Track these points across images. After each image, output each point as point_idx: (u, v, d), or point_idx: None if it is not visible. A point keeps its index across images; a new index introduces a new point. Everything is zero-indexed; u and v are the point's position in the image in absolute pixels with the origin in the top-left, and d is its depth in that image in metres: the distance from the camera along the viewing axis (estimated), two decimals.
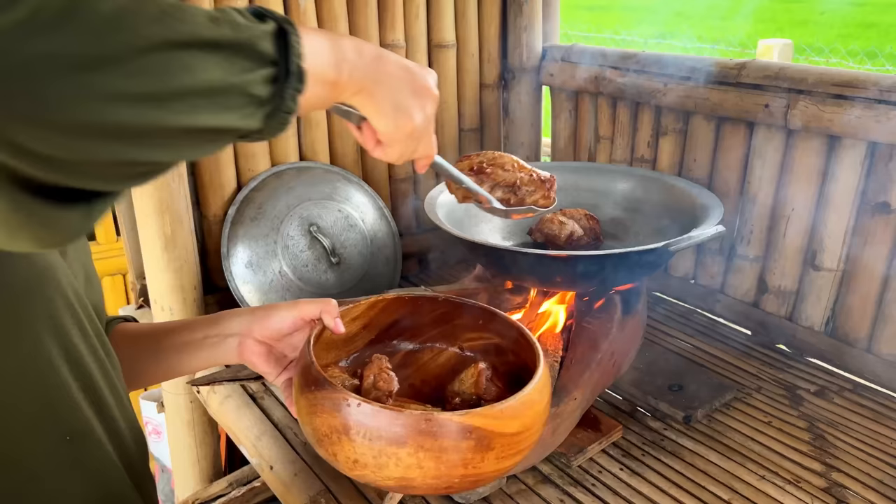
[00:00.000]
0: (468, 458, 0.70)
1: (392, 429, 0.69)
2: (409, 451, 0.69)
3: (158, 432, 1.95)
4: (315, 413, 0.73)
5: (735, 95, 1.42)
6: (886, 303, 1.29)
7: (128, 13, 0.39)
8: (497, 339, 0.92)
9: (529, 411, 0.74)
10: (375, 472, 0.71)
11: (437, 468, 0.70)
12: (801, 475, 1.09)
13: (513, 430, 0.72)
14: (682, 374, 1.32)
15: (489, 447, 0.71)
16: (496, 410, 0.71)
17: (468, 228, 1.42)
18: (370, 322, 0.93)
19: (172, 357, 0.83)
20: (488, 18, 1.80)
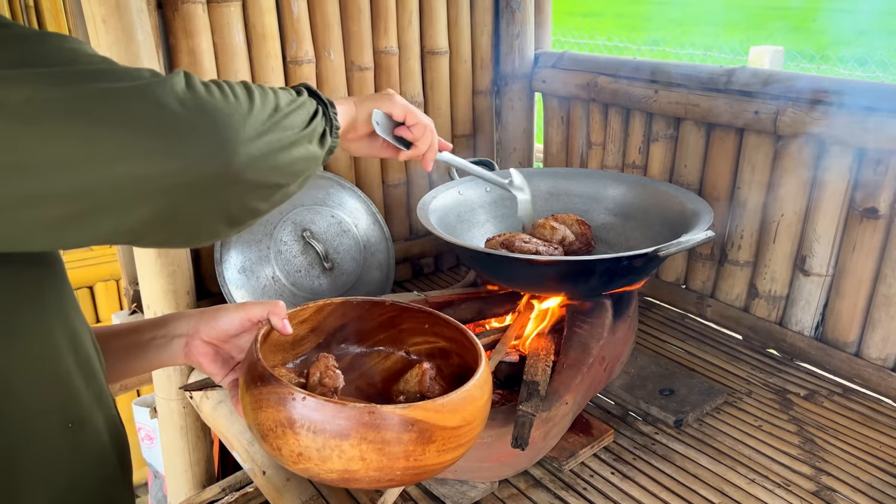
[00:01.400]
0: (410, 451, 0.72)
1: (336, 421, 0.70)
2: (352, 444, 0.71)
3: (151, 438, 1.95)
4: (260, 408, 0.74)
5: (725, 102, 1.43)
6: (875, 307, 1.30)
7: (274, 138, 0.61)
8: (442, 342, 0.94)
9: (470, 406, 0.76)
10: (319, 464, 0.72)
11: (380, 460, 0.72)
12: (790, 479, 1.10)
13: (454, 423, 0.74)
14: (673, 378, 1.33)
15: (430, 440, 0.73)
16: (437, 404, 0.74)
17: (460, 234, 1.43)
18: (318, 325, 0.94)
19: (120, 359, 0.83)
20: (481, 25, 1.81)
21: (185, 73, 0.55)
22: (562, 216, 1.43)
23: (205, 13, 1.40)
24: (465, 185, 1.50)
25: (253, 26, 1.47)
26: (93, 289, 2.38)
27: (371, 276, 1.61)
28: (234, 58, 1.46)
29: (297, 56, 1.54)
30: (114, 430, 0.70)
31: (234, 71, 1.46)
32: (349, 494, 1.07)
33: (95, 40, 1.21)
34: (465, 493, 1.06)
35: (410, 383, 0.88)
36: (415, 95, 1.75)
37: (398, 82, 1.71)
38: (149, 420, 1.83)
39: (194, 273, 1.48)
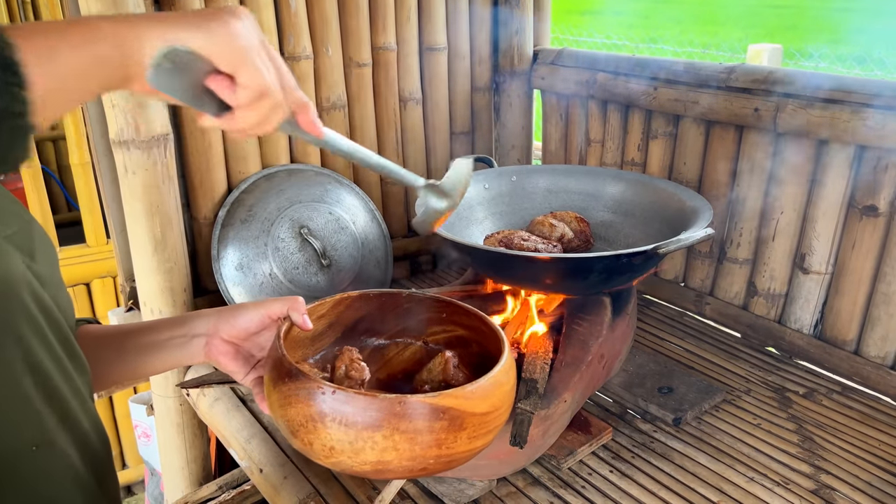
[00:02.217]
0: (442, 439, 0.72)
1: (367, 413, 0.71)
2: (384, 434, 0.71)
3: (148, 435, 1.94)
4: (289, 404, 0.74)
5: (724, 99, 1.43)
6: (874, 305, 1.30)
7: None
8: (461, 330, 0.95)
9: (498, 391, 0.77)
10: (352, 457, 0.73)
11: (412, 449, 0.72)
12: (789, 477, 1.09)
13: (483, 409, 0.75)
14: (672, 376, 1.32)
15: (462, 427, 0.73)
16: (467, 391, 0.74)
17: (459, 231, 1.42)
18: (336, 320, 0.94)
19: (137, 358, 0.82)
20: (479, 22, 1.80)
21: None
22: (560, 213, 1.43)
23: (201, 8, 1.39)
24: None
25: None
26: (89, 286, 2.37)
27: (369, 273, 1.61)
28: None
29: (294, 52, 1.53)
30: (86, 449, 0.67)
31: None
32: (346, 492, 1.06)
33: None
34: (464, 490, 1.05)
35: (434, 372, 0.88)
36: (413, 92, 1.75)
37: (396, 79, 1.71)
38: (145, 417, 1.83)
39: (191, 270, 1.47)
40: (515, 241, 1.30)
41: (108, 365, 0.83)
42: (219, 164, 1.50)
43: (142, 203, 1.31)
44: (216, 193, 1.51)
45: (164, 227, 1.34)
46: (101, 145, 1.38)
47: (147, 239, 1.34)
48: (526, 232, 1.36)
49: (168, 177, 1.33)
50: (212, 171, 1.50)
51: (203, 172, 1.49)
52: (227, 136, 1.51)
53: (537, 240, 1.32)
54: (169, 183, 1.33)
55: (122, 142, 1.27)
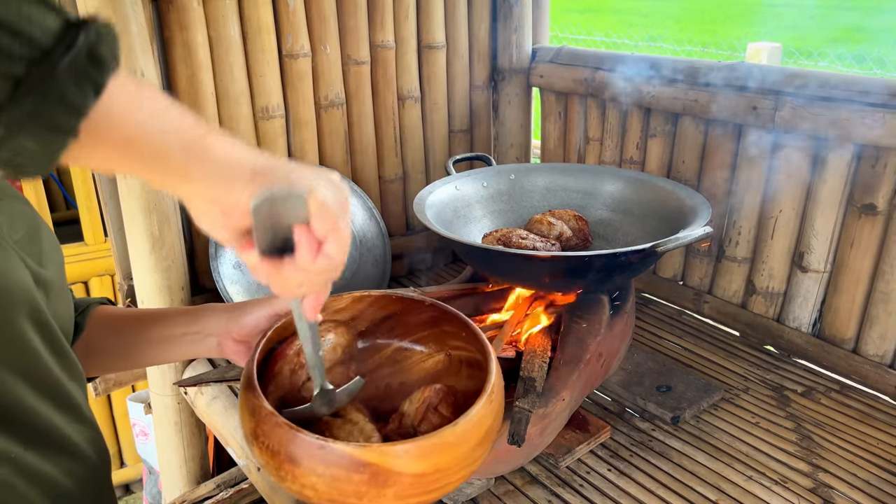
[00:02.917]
0: (363, 491, 0.69)
1: (289, 446, 0.69)
2: (303, 472, 0.69)
3: (146, 433, 1.94)
4: (243, 411, 0.75)
5: (724, 98, 1.42)
6: (873, 304, 1.30)
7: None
8: (477, 354, 0.89)
9: (443, 454, 0.70)
10: (279, 480, 0.72)
11: (330, 493, 0.69)
12: (787, 475, 1.09)
13: (418, 470, 0.69)
14: (670, 374, 1.32)
15: (385, 484, 0.68)
16: (395, 449, 0.69)
17: (457, 229, 1.42)
18: (360, 314, 0.93)
19: (150, 350, 0.84)
20: (478, 19, 1.80)
21: None
22: (559, 212, 1.42)
23: (199, 6, 1.39)
24: (462, 180, 1.49)
25: (248, 19, 1.46)
26: (87, 284, 2.37)
27: (367, 271, 1.60)
28: (230, 51, 1.44)
29: (292, 50, 1.53)
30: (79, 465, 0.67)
31: (228, 64, 1.45)
32: None
33: None
34: (461, 489, 1.05)
35: (413, 404, 0.83)
36: (412, 90, 1.74)
37: (395, 77, 1.70)
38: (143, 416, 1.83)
39: (189, 268, 1.47)
40: (514, 239, 1.30)
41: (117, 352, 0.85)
42: None
43: (139, 201, 1.31)
44: None
45: (162, 225, 1.34)
46: None
47: (145, 237, 1.33)
48: (524, 230, 1.35)
49: None
50: None
51: None
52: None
53: (536, 238, 1.31)
54: None
55: None
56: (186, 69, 1.41)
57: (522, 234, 1.31)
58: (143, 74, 1.24)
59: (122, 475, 2.57)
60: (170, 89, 1.43)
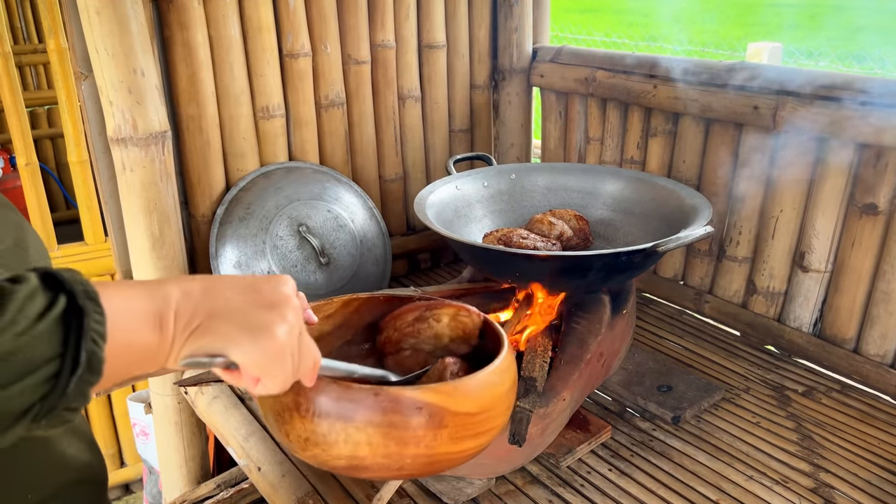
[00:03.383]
0: (420, 436, 0.68)
1: (340, 403, 0.67)
2: (357, 427, 0.67)
3: (146, 433, 1.94)
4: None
5: (724, 97, 1.42)
6: (874, 303, 1.30)
7: None
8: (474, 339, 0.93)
9: (487, 392, 0.73)
10: (326, 450, 0.69)
11: (387, 445, 0.68)
12: (788, 475, 1.09)
13: (469, 409, 0.70)
14: (671, 374, 1.32)
15: (442, 424, 0.69)
16: (449, 387, 0.70)
17: (458, 229, 1.42)
18: (344, 321, 0.92)
19: None
20: (479, 19, 1.80)
21: None
22: (559, 211, 1.42)
23: (200, 5, 1.39)
24: (463, 179, 1.49)
25: (248, 19, 1.46)
26: None
27: (368, 271, 1.60)
28: (230, 51, 1.44)
29: (293, 49, 1.53)
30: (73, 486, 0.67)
31: (229, 64, 1.45)
32: (345, 491, 1.06)
33: (89, 32, 1.20)
34: (462, 489, 1.05)
35: (433, 378, 0.85)
36: (412, 90, 1.74)
37: (395, 76, 1.70)
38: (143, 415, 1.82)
39: (189, 268, 1.47)
40: (514, 239, 1.30)
41: None
42: (217, 162, 1.50)
43: (140, 200, 1.31)
44: (214, 191, 1.51)
45: (162, 225, 1.33)
46: (99, 143, 1.37)
47: (145, 237, 1.33)
48: (525, 230, 1.35)
49: (166, 174, 1.33)
50: (210, 168, 1.49)
51: (201, 170, 1.49)
52: (225, 134, 1.50)
53: (536, 238, 1.31)
54: (167, 180, 1.33)
55: (120, 139, 1.27)
56: (187, 69, 1.41)
57: (523, 234, 1.31)
58: (143, 74, 1.23)
59: (122, 475, 2.57)
60: (170, 89, 1.43)
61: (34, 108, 3.05)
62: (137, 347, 0.51)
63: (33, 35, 3.50)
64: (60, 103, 2.21)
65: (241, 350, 0.55)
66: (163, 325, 0.52)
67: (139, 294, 0.52)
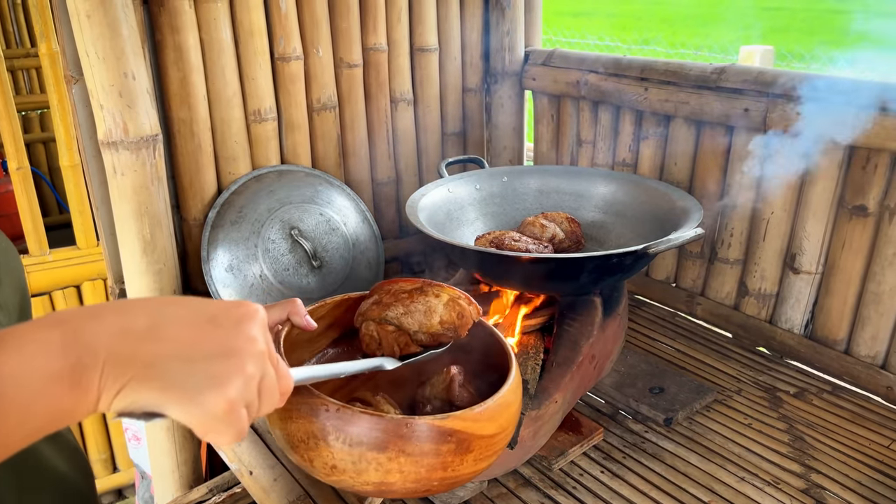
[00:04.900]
0: (448, 461, 0.71)
1: (373, 434, 0.68)
2: (389, 456, 0.69)
3: (138, 438, 1.93)
4: (290, 418, 0.72)
5: (715, 99, 1.43)
6: (864, 305, 1.30)
7: None
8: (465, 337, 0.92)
9: (506, 413, 0.76)
10: (354, 477, 0.71)
11: (417, 472, 0.70)
12: (780, 476, 1.09)
13: (490, 431, 0.73)
14: (663, 376, 1.32)
15: (468, 449, 0.71)
16: (475, 413, 0.72)
17: (450, 232, 1.42)
18: (334, 321, 0.92)
19: None
20: (471, 22, 1.80)
21: None
22: (551, 214, 1.43)
23: (191, 9, 1.39)
24: (455, 182, 1.49)
25: (240, 22, 1.45)
26: (79, 288, 2.36)
27: (360, 274, 1.60)
28: (221, 54, 1.44)
29: (285, 52, 1.53)
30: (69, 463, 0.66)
31: (221, 67, 1.45)
32: (336, 494, 1.06)
33: (80, 36, 1.19)
34: (454, 492, 1.05)
35: (437, 388, 0.86)
36: (404, 93, 1.74)
37: (387, 80, 1.70)
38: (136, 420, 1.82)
39: (181, 271, 1.46)
40: (506, 241, 1.30)
41: None
42: (208, 165, 1.50)
43: (130, 204, 1.30)
44: (206, 195, 1.51)
45: (154, 229, 1.33)
46: (90, 146, 1.37)
47: (136, 240, 1.33)
48: (517, 232, 1.36)
49: (157, 178, 1.32)
50: (201, 172, 1.49)
51: (192, 173, 1.48)
52: (217, 138, 1.50)
53: (528, 240, 1.31)
54: (158, 184, 1.33)
55: (111, 143, 1.26)
56: (178, 72, 1.40)
57: (515, 237, 1.31)
58: (134, 78, 1.23)
59: (114, 480, 2.56)
60: (161, 92, 1.43)
61: (26, 111, 3.04)
62: (42, 411, 0.44)
63: (25, 39, 3.49)
64: (52, 107, 2.21)
65: (182, 410, 0.49)
66: (81, 381, 0.45)
67: (48, 348, 0.44)
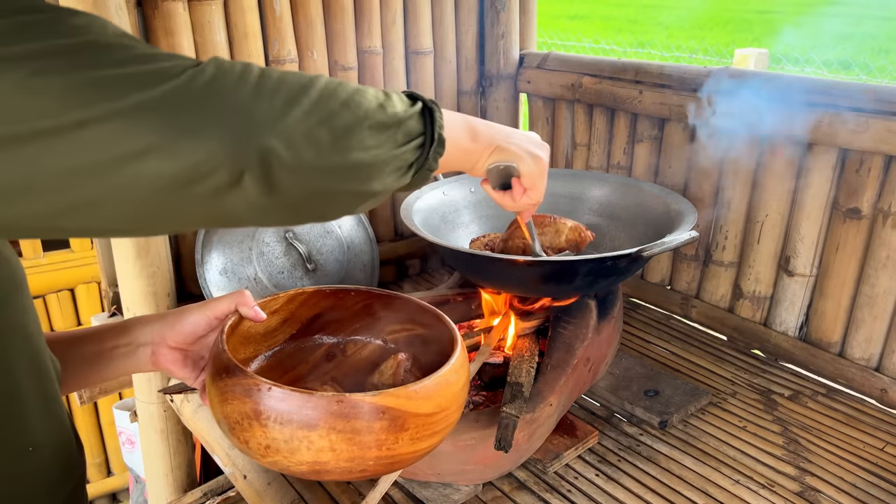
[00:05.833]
0: (382, 440, 0.70)
1: (303, 411, 0.68)
2: (320, 434, 0.68)
3: (132, 442, 1.93)
4: (226, 401, 0.71)
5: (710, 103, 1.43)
6: (858, 307, 1.30)
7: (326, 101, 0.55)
8: (420, 329, 0.92)
9: (445, 392, 0.74)
10: (287, 457, 0.70)
11: (351, 450, 0.69)
12: (774, 479, 1.09)
13: (427, 410, 0.72)
14: (658, 379, 1.32)
15: (403, 427, 0.71)
16: (410, 391, 0.71)
17: (445, 234, 1.42)
18: (290, 316, 0.92)
19: (83, 368, 0.79)
20: (465, 25, 1.81)
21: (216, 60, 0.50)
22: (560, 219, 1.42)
23: (185, 11, 1.39)
24: (450, 185, 1.49)
25: (234, 25, 1.45)
26: (73, 291, 2.35)
27: (355, 277, 1.60)
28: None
29: (279, 55, 1.53)
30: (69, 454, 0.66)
31: None
32: (331, 498, 1.05)
33: None
34: (449, 496, 1.05)
35: (385, 375, 0.86)
36: None
37: (382, 82, 1.70)
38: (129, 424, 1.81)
39: (175, 274, 1.46)
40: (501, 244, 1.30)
41: None
42: None
43: None
44: None
45: None
46: None
47: (130, 244, 1.32)
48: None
49: None
50: None
51: None
52: None
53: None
54: None
55: None
56: None
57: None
58: None
59: (108, 484, 2.55)
60: None
61: None
62: (460, 147, 0.80)
63: None
64: None
65: (526, 164, 0.87)
66: (475, 137, 0.82)
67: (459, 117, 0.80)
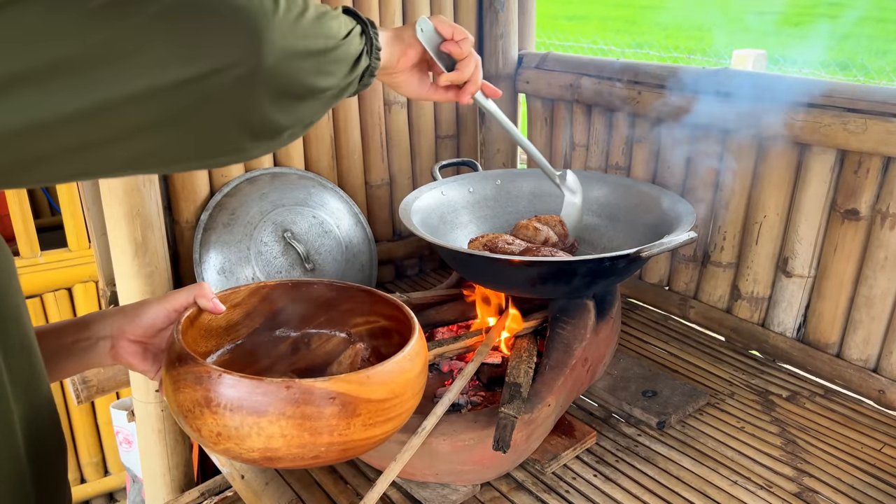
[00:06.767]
0: (333, 425, 0.70)
1: (253, 398, 0.68)
2: (270, 420, 0.68)
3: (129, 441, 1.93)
4: (178, 389, 0.71)
5: (709, 104, 1.43)
6: (856, 308, 1.31)
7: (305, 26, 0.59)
8: (383, 321, 0.92)
9: (399, 378, 0.74)
10: (238, 444, 0.70)
11: (301, 436, 0.69)
12: (772, 480, 1.09)
13: (380, 396, 0.72)
14: (656, 380, 1.32)
15: (355, 413, 0.70)
16: (361, 376, 0.71)
17: (443, 234, 1.41)
18: (254, 309, 0.92)
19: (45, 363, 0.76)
20: (464, 25, 1.80)
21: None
22: (545, 217, 1.42)
23: None
24: (449, 185, 1.49)
25: None
26: (71, 290, 2.35)
27: (353, 277, 1.60)
28: None
29: None
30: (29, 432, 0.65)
31: None
32: (328, 497, 1.05)
33: None
34: (447, 496, 1.05)
35: (343, 365, 0.87)
36: (398, 96, 1.74)
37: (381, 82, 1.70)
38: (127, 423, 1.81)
39: (173, 274, 1.46)
40: (500, 244, 1.30)
41: None
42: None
43: (122, 206, 1.30)
44: (198, 196, 1.50)
45: (145, 231, 1.32)
46: None
47: (127, 243, 1.32)
48: (510, 236, 1.35)
49: (149, 179, 1.32)
50: (193, 174, 1.48)
51: (184, 175, 1.48)
52: None
53: (521, 243, 1.31)
54: (150, 186, 1.32)
55: None
56: None
57: (508, 240, 1.31)
58: None
59: (105, 484, 2.54)
60: None
61: None
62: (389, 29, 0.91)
63: None
64: None
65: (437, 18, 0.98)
66: (401, 38, 0.93)
67: (386, 34, 0.90)
